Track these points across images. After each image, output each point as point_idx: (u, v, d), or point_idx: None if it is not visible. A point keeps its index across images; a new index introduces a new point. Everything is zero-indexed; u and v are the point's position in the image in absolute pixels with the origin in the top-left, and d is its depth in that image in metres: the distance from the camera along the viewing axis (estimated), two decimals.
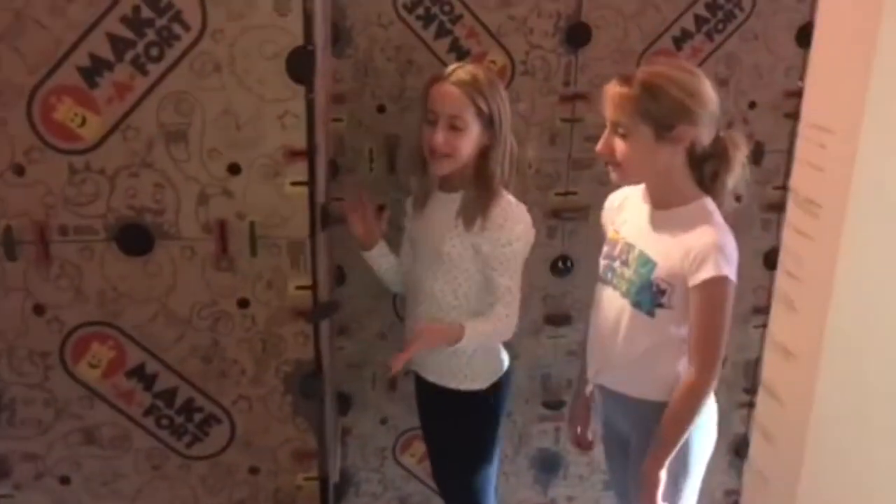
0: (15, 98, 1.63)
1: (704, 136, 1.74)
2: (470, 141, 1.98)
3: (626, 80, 1.74)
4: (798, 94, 2.56)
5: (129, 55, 1.64)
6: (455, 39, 2.41)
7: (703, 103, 1.72)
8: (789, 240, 1.28)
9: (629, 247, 1.86)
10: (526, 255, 2.06)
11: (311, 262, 1.81)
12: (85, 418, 1.87)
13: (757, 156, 2.58)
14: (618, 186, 1.96)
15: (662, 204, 1.82)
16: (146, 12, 1.62)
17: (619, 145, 1.76)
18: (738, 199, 2.08)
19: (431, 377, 2.19)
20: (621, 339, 1.86)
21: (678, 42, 2.50)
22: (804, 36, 2.53)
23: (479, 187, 2.00)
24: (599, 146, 1.82)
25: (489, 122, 1.98)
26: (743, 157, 1.77)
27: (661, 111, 1.69)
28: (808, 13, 2.52)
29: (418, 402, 2.34)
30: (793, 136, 2.74)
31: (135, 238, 1.75)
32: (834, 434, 1.19)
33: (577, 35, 2.44)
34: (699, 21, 2.49)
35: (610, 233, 1.97)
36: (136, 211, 1.74)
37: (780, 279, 1.31)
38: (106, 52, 1.63)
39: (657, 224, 1.82)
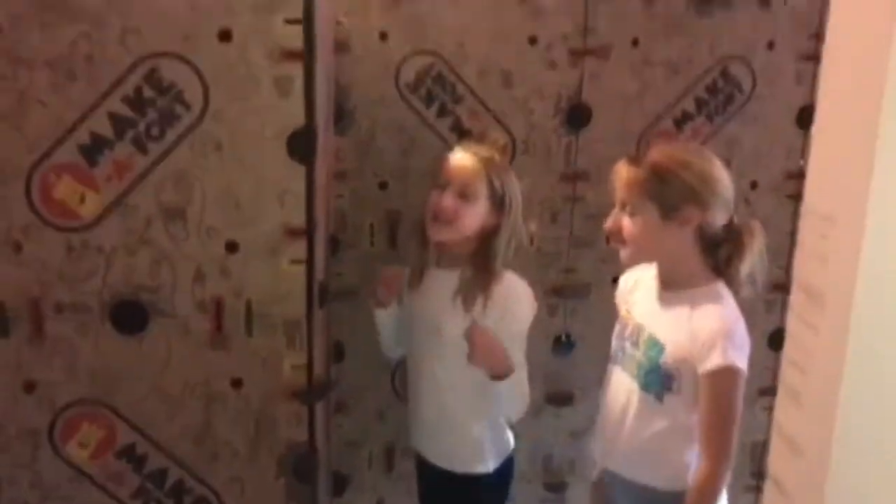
0: (14, 176, 1.64)
1: (714, 219, 1.73)
2: (475, 214, 1.98)
3: (635, 160, 1.77)
4: (799, 176, 2.58)
5: (129, 134, 1.65)
6: (457, 119, 2.44)
7: (711, 187, 1.72)
8: (794, 329, 1.25)
9: (639, 328, 1.84)
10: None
11: (307, 341, 1.78)
12: (72, 501, 1.82)
13: None
14: (626, 266, 1.96)
15: (672, 285, 1.81)
16: (148, 92, 1.64)
17: (627, 224, 1.78)
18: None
19: (437, 461, 2.13)
20: (629, 423, 1.83)
21: (679, 124, 2.52)
22: (804, 118, 2.56)
23: (478, 267, 1.98)
24: (608, 224, 1.84)
25: (499, 203, 1.98)
26: (759, 244, 1.75)
27: (667, 192, 1.70)
28: (808, 95, 2.55)
29: (420, 486, 2.28)
30: (795, 216, 2.75)
31: (130, 316, 1.74)
32: None
33: (577, 116, 2.47)
34: (699, 103, 2.52)
35: (622, 312, 1.96)
36: (132, 288, 1.73)
37: (786, 369, 1.28)
38: (107, 130, 1.64)
39: (666, 306, 1.80)
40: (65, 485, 1.81)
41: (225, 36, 1.63)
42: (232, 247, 1.72)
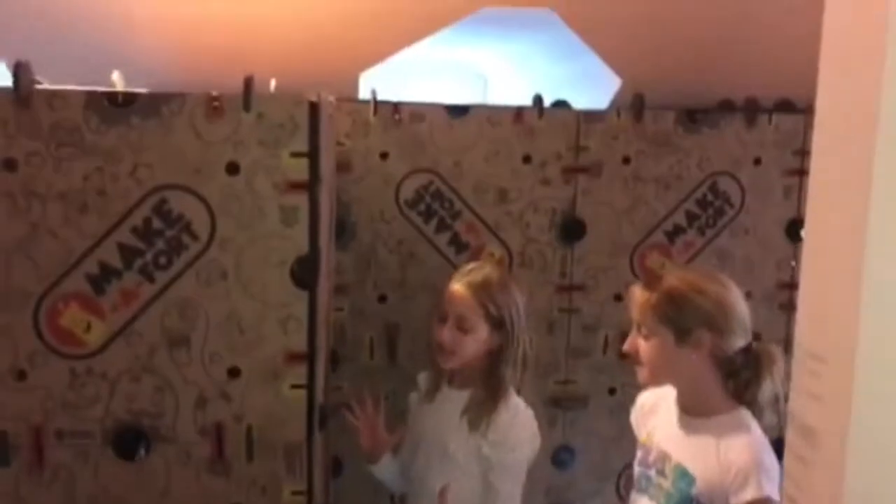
0: (22, 304, 1.67)
1: (729, 345, 1.71)
2: (476, 342, 2.00)
3: (649, 284, 1.79)
4: (790, 286, 2.62)
5: (137, 263, 1.69)
6: (455, 234, 2.49)
7: (725, 312, 1.71)
8: (790, 466, 1.27)
9: (665, 456, 1.80)
10: (530, 462, 2.03)
11: (307, 466, 1.78)
12: None
13: None
14: (645, 386, 1.93)
15: (694, 411, 1.78)
16: (157, 223, 1.68)
17: (643, 346, 1.78)
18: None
19: None
20: None
21: (670, 237, 2.58)
22: (793, 230, 2.62)
23: (487, 388, 2.00)
24: (626, 346, 1.84)
25: (499, 325, 2.01)
26: (779, 370, 1.72)
27: (680, 317, 1.71)
28: (795, 209, 2.62)
29: None
30: (789, 326, 2.78)
31: (130, 442, 1.73)
32: None
33: (572, 230, 2.53)
34: (690, 217, 2.59)
35: (642, 436, 1.92)
36: (133, 415, 1.73)
37: None
38: (115, 260, 1.68)
39: (691, 434, 1.77)
40: None
41: (233, 169, 1.68)
42: (234, 372, 1.74)
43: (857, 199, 1.08)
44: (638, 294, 1.80)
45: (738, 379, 1.73)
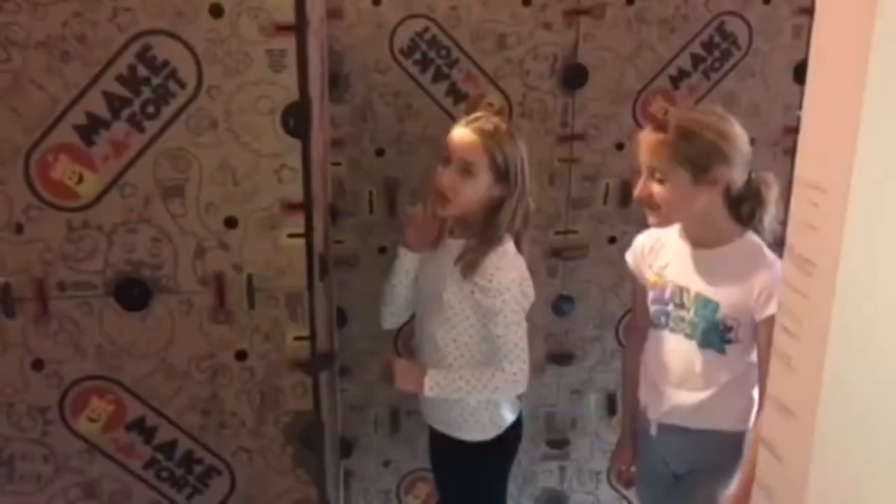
0: (12, 157, 1.64)
1: (739, 176, 1.78)
2: (476, 189, 1.98)
3: (659, 126, 1.78)
4: (795, 130, 2.57)
5: (125, 113, 1.65)
6: (452, 83, 2.43)
7: (735, 145, 1.77)
8: (785, 297, 1.27)
9: (681, 289, 1.88)
10: (525, 306, 2.04)
11: (309, 313, 1.81)
12: (85, 473, 1.86)
13: None
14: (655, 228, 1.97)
15: (706, 244, 1.86)
16: (142, 71, 1.63)
17: (658, 190, 1.80)
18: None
19: (439, 427, 2.18)
20: (697, 380, 1.88)
21: (675, 81, 2.51)
22: (801, 73, 2.54)
23: (482, 237, 2.00)
24: (637, 192, 1.85)
25: (504, 175, 1.98)
26: (775, 195, 1.82)
27: (696, 154, 1.74)
28: (805, 50, 2.52)
29: (430, 449, 2.32)
30: (793, 171, 2.75)
31: (133, 293, 1.75)
32: (833, 491, 1.18)
33: (573, 76, 2.46)
34: (696, 60, 2.51)
35: (650, 277, 1.97)
36: (133, 266, 1.74)
37: (778, 336, 1.31)
38: (102, 110, 1.64)
39: (707, 263, 1.85)
40: (76, 458, 1.85)
41: (216, 11, 1.61)
42: (231, 222, 1.73)
43: (859, 35, 1.03)
44: (649, 138, 1.79)
45: (742, 207, 1.81)
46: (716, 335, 1.84)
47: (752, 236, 1.83)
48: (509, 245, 2.01)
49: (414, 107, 2.44)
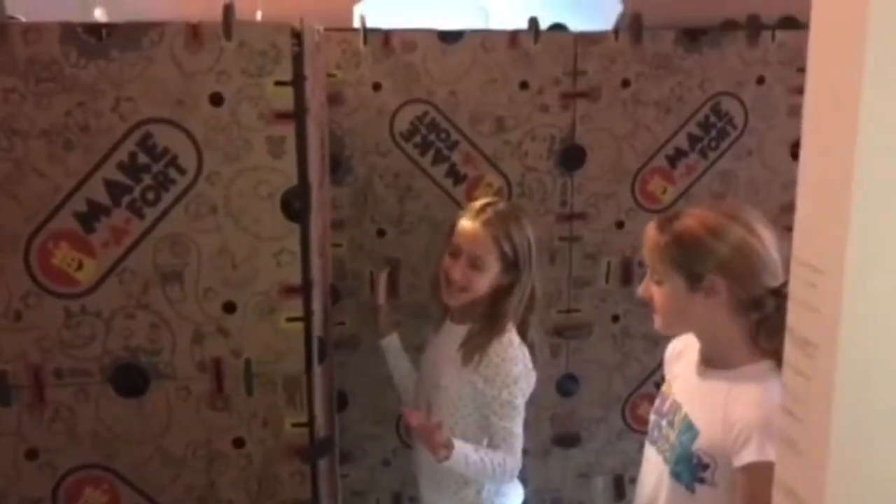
0: (12, 245, 1.65)
1: (749, 290, 1.55)
2: (487, 279, 1.99)
3: (661, 225, 1.63)
4: (794, 208, 2.58)
5: (125, 200, 1.66)
6: (452, 165, 2.46)
7: (744, 256, 1.54)
8: (788, 380, 1.25)
9: (676, 407, 1.68)
10: (526, 397, 2.01)
11: (307, 397, 1.78)
12: None
13: None
14: (662, 333, 1.77)
15: (712, 363, 1.64)
16: (143, 158, 1.65)
17: (656, 292, 1.65)
18: None
19: None
20: None
21: (672, 161, 2.54)
22: (798, 150, 2.56)
23: (486, 323, 1.99)
24: (640, 290, 1.71)
25: (512, 263, 1.99)
26: None
27: (690, 261, 1.56)
28: (801, 128, 2.56)
29: None
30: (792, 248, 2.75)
31: (130, 379, 1.74)
32: None
33: (571, 157, 2.48)
34: (692, 139, 2.53)
35: (664, 385, 1.81)
36: (131, 352, 1.73)
37: (782, 419, 1.28)
38: (103, 197, 1.66)
39: (705, 385, 1.63)
40: None
41: (217, 100, 1.65)
42: (229, 307, 1.73)
43: (848, 114, 1.04)
44: (650, 235, 1.65)
45: (769, 325, 1.55)
46: (686, 468, 1.58)
47: (763, 366, 1.55)
48: (513, 334, 1.99)
49: (414, 188, 2.46)
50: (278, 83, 1.65)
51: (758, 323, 1.57)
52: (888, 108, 0.92)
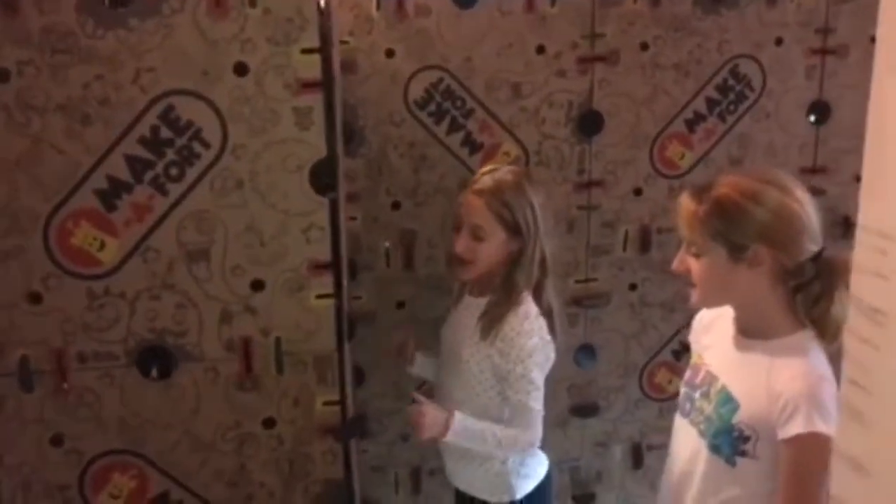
0: (31, 225, 1.59)
1: (793, 258, 1.51)
2: (492, 249, 1.94)
3: (697, 194, 1.55)
4: (813, 171, 2.55)
5: (148, 176, 1.60)
6: (468, 133, 2.40)
7: (786, 221, 1.49)
8: (853, 349, 1.20)
9: (712, 378, 1.62)
10: (546, 369, 1.98)
11: (338, 375, 1.74)
12: None
13: None
14: (696, 309, 1.74)
15: (750, 333, 1.59)
16: (165, 132, 1.59)
17: (694, 265, 1.57)
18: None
19: (462, 486, 2.10)
20: (695, 485, 1.61)
21: (691, 125, 2.50)
22: (815, 112, 2.53)
23: (503, 295, 1.95)
24: (675, 264, 1.61)
25: (516, 229, 1.94)
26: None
27: (733, 231, 1.50)
28: (818, 90, 2.53)
29: None
30: None
31: (156, 361, 1.69)
32: None
33: (589, 123, 2.43)
34: (711, 103, 2.49)
35: (693, 356, 1.75)
36: (156, 333, 1.68)
37: (846, 389, 1.23)
38: (124, 174, 1.59)
39: (744, 356, 1.58)
40: None
41: (241, 70, 1.58)
42: (257, 285, 1.68)
43: None
44: (685, 205, 1.56)
45: (808, 293, 1.52)
46: (727, 442, 1.55)
47: (805, 336, 1.52)
48: (530, 306, 1.94)
49: (429, 158, 2.40)
50: (305, 51, 1.59)
51: (795, 290, 1.53)
52: None
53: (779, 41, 2.48)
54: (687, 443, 1.66)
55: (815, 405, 1.43)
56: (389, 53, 2.31)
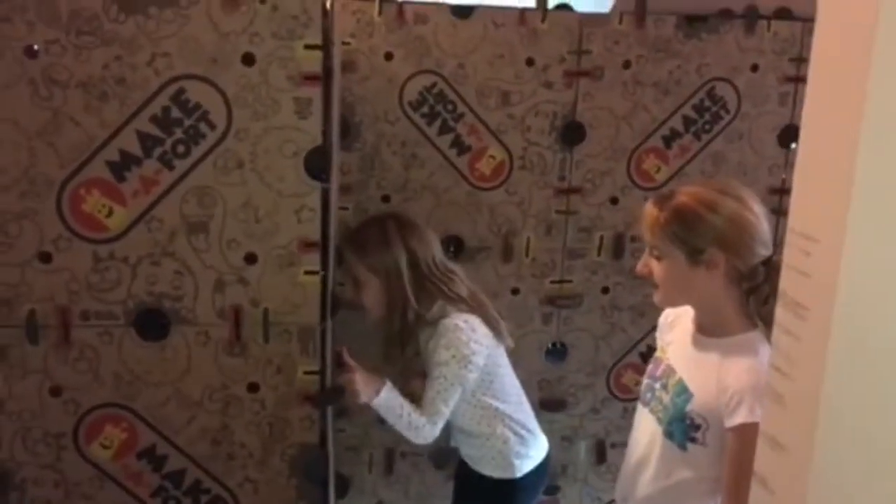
0: (46, 190, 1.72)
1: (745, 262, 1.65)
2: (373, 294, 2.23)
3: (659, 202, 1.71)
4: (781, 192, 2.71)
5: (157, 151, 1.74)
6: (457, 136, 2.55)
7: (739, 228, 1.64)
8: (779, 340, 1.37)
9: (671, 371, 1.78)
10: (462, 376, 2.15)
11: (320, 347, 1.88)
12: (94, 499, 1.90)
13: None
14: (661, 307, 1.89)
15: (707, 331, 1.74)
16: (175, 112, 1.73)
17: (656, 268, 1.72)
18: None
19: (471, 462, 2.33)
20: (651, 468, 1.78)
21: (667, 141, 2.65)
22: (786, 137, 2.69)
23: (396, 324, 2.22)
24: (639, 267, 1.78)
25: (376, 271, 2.20)
26: None
27: (690, 235, 1.64)
28: (790, 115, 2.68)
29: (455, 483, 2.49)
30: (778, 231, 2.87)
31: (152, 323, 1.82)
32: None
33: (571, 133, 2.59)
34: (687, 122, 2.65)
35: (658, 351, 1.92)
36: (155, 297, 1.81)
37: (771, 375, 1.40)
38: (135, 148, 1.73)
39: (700, 352, 1.74)
40: (87, 483, 1.89)
41: (248, 60, 1.72)
42: (251, 258, 1.82)
43: (854, 86, 1.14)
44: (649, 212, 1.72)
45: (759, 295, 1.65)
46: (680, 429, 1.70)
47: (754, 334, 1.67)
48: (448, 320, 2.16)
49: (419, 156, 2.55)
50: (308, 47, 1.73)
51: (748, 292, 1.68)
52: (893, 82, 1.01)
53: (754, 67, 2.64)
54: (646, 429, 1.83)
55: (758, 398, 1.55)
56: (388, 56, 2.46)
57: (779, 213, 2.70)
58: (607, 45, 2.53)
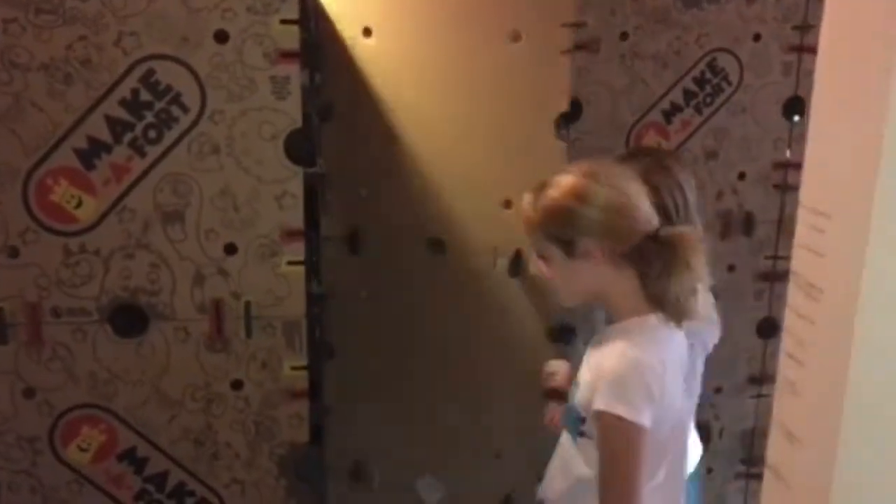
0: (10, 180, 1.63)
1: (622, 242, 1.49)
2: None
3: (532, 202, 1.54)
4: (786, 166, 2.61)
5: (127, 137, 1.64)
6: None
7: (614, 213, 1.48)
8: (791, 324, 1.26)
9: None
10: None
11: (306, 341, 1.79)
12: None
13: (748, 227, 2.61)
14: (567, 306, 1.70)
15: (609, 319, 1.61)
16: (145, 95, 1.63)
17: (543, 267, 1.60)
18: (730, 268, 2.02)
19: None
20: (556, 461, 1.67)
21: (667, 115, 2.54)
22: (790, 108, 2.58)
23: None
24: (532, 268, 1.69)
25: None
26: (692, 257, 1.47)
27: (559, 230, 1.51)
28: (794, 86, 2.58)
29: None
30: (782, 206, 2.78)
31: (128, 319, 1.73)
32: None
33: (568, 110, 2.47)
34: (688, 95, 2.53)
35: None
36: (130, 292, 1.72)
37: (783, 363, 1.30)
38: (104, 134, 1.63)
39: (599, 343, 1.59)
40: (65, 489, 1.81)
41: (221, 37, 1.62)
42: (230, 249, 1.72)
43: (873, 69, 1.04)
44: (524, 212, 1.57)
45: (651, 272, 1.50)
46: (571, 421, 1.59)
47: (646, 319, 1.52)
48: None
49: None
50: (284, 21, 1.63)
51: (642, 274, 1.52)
52: None
53: (757, 37, 2.52)
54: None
55: (617, 386, 1.44)
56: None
57: (784, 188, 2.61)
58: (603, 16, 2.41)
